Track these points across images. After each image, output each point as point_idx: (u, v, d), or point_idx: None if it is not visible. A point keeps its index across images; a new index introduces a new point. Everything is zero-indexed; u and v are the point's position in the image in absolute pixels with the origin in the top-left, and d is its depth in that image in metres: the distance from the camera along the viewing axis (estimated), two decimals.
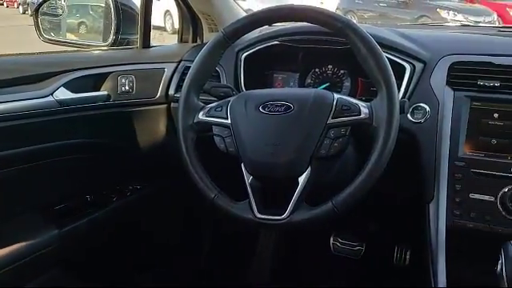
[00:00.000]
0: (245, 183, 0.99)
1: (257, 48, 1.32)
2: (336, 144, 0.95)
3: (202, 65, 1.07)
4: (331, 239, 1.72)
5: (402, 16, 9.47)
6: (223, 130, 1.01)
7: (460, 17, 8.93)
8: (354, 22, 1.01)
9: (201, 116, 1.05)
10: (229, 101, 1.05)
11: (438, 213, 1.04)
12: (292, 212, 0.95)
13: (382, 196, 1.31)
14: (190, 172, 1.03)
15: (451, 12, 9.28)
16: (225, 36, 1.05)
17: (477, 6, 9.99)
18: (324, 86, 1.35)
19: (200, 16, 1.56)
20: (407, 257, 1.60)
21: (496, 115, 1.06)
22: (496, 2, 10.01)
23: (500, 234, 0.99)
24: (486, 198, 1.01)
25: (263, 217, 0.97)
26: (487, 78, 1.07)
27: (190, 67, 1.09)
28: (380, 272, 1.68)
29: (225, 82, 1.32)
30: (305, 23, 1.07)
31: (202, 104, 1.07)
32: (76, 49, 1.61)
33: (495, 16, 9.13)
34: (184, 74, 1.39)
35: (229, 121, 1.01)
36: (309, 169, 0.95)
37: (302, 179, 0.95)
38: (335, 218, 0.94)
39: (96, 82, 1.33)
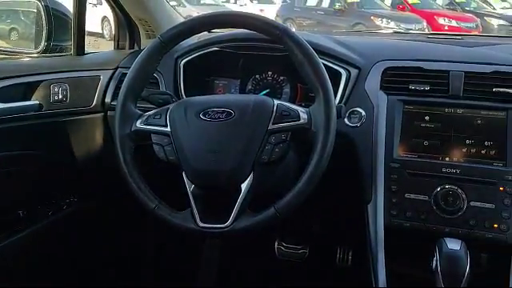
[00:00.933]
0: (186, 192, 0.98)
1: (196, 54, 1.31)
2: (277, 149, 0.95)
3: (139, 71, 1.04)
4: (276, 244, 1.73)
5: (338, 24, 9.77)
6: (162, 138, 0.99)
7: (393, 24, 9.34)
8: (292, 29, 1.03)
9: (138, 124, 1.02)
10: (168, 108, 1.03)
11: (376, 213, 1.07)
12: (235, 219, 0.94)
13: (323, 198, 1.33)
14: (129, 182, 1.00)
15: (384, 20, 9.70)
16: (162, 42, 1.03)
17: (408, 13, 10.50)
18: (264, 92, 1.36)
19: (137, 22, 1.53)
20: (349, 257, 1.64)
21: (427, 118, 1.11)
22: (425, 10, 10.57)
23: (434, 232, 1.03)
24: (421, 197, 1.06)
25: (206, 225, 0.95)
26: (418, 83, 1.13)
27: (126, 74, 1.06)
28: (324, 273, 1.71)
29: (164, 89, 1.30)
30: (244, 30, 1.08)
31: (140, 112, 1.04)
32: (5, 56, 1.53)
33: (425, 23, 9.64)
34: (121, 81, 1.35)
35: (168, 128, 0.99)
36: (251, 175, 0.95)
37: (244, 186, 0.95)
38: (278, 222, 0.95)
39: (26, 90, 1.26)
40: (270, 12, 11.86)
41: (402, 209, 1.06)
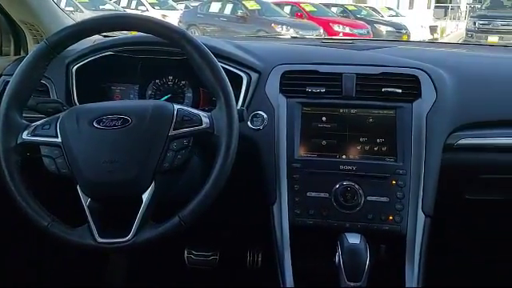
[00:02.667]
0: (82, 206, 0.91)
1: (89, 59, 1.23)
2: (179, 156, 0.93)
3: (23, 78, 0.95)
4: (185, 252, 1.69)
5: (241, 30, 9.96)
6: (53, 149, 0.92)
7: (292, 31, 9.72)
8: (190, 33, 1.01)
9: (25, 136, 0.93)
10: (58, 117, 0.95)
11: (281, 213, 1.09)
12: (137, 232, 0.90)
13: (229, 202, 1.32)
14: (17, 200, 0.91)
15: (284, 27, 10.06)
16: (48, 46, 0.96)
17: (306, 21, 10.99)
18: (166, 97, 1.32)
19: (22, 26, 1.41)
20: (259, 259, 1.65)
21: (324, 118, 1.15)
22: (321, 18, 11.14)
23: (336, 228, 1.07)
24: (322, 194, 1.09)
25: (105, 241, 0.90)
26: (314, 85, 1.16)
27: None
28: (235, 278, 1.71)
29: (55, 97, 1.21)
30: (142, 33, 1.04)
31: (27, 122, 0.96)
32: None
33: (321, 30, 10.15)
34: (4, 90, 1.23)
35: (59, 139, 0.92)
36: (152, 184, 0.91)
37: (145, 196, 0.91)
38: (184, 231, 0.92)
39: None
40: (173, 18, 11.74)
41: (305, 207, 1.09)
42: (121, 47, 1.24)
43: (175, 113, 0.94)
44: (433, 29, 12.84)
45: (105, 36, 1.45)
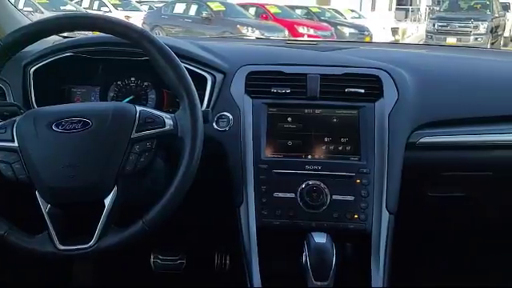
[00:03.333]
0: (42, 213, 0.88)
1: (48, 60, 1.19)
2: (142, 159, 0.91)
3: None
4: (151, 257, 1.66)
5: (207, 31, 9.92)
6: (9, 154, 0.88)
7: (257, 33, 9.74)
8: (151, 33, 0.99)
9: None
10: (15, 120, 0.92)
11: (248, 215, 1.08)
12: (100, 237, 0.87)
13: (196, 205, 1.31)
14: None
15: (250, 28, 10.08)
16: (2, 47, 0.92)
17: (271, 23, 11.05)
18: (128, 99, 1.29)
19: None
20: (227, 262, 1.64)
21: (289, 119, 1.15)
22: (286, 20, 11.23)
23: (302, 227, 1.07)
24: (288, 195, 1.09)
25: (66, 248, 0.87)
26: (279, 86, 1.17)
27: None
28: (203, 281, 1.69)
29: (12, 100, 1.16)
30: (102, 34, 1.01)
31: None
32: None
33: (286, 32, 10.23)
34: None
35: (15, 144, 0.88)
36: (115, 188, 0.89)
37: (108, 201, 0.88)
38: (147, 236, 0.90)
39: None
40: (137, 19, 11.58)
41: (272, 208, 1.09)
42: (81, 48, 1.20)
43: (137, 115, 0.92)
44: (394, 30, 13.16)
45: (65, 37, 1.40)
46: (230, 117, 1.15)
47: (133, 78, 1.31)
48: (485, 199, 1.34)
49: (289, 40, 1.75)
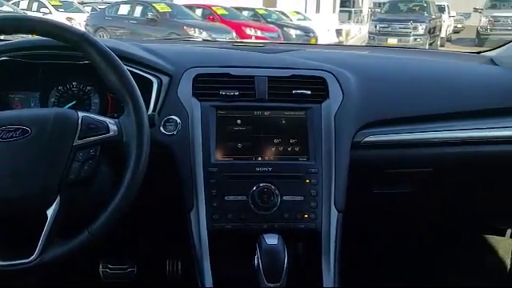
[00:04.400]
0: None
1: None
2: (86, 166, 0.88)
3: None
4: (100, 267, 1.61)
5: (152, 33, 9.74)
6: None
7: (205, 34, 9.67)
8: (92, 35, 0.96)
9: None
10: None
11: (199, 220, 1.07)
12: (43, 250, 0.83)
13: (145, 211, 1.28)
14: None
15: (197, 30, 10.00)
16: None
17: (218, 24, 11.03)
18: (70, 104, 1.24)
19: None
20: (179, 268, 1.61)
21: (239, 121, 1.15)
22: (233, 21, 11.24)
23: (254, 230, 1.07)
24: (239, 198, 1.09)
25: (7, 263, 0.82)
26: (227, 88, 1.16)
27: None
28: None
29: None
30: (40, 37, 0.97)
31: None
32: None
33: (234, 34, 10.24)
34: None
35: None
36: (58, 198, 0.85)
37: (50, 211, 0.85)
38: (94, 246, 0.87)
39: None
40: (79, 21, 11.22)
41: (223, 212, 1.08)
42: (17, 52, 1.14)
43: (80, 121, 0.89)
44: (338, 32, 13.50)
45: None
46: (178, 120, 1.13)
47: (75, 83, 1.26)
48: (426, 195, 1.40)
49: (236, 42, 1.75)
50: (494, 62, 1.51)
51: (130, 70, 0.94)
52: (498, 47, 1.59)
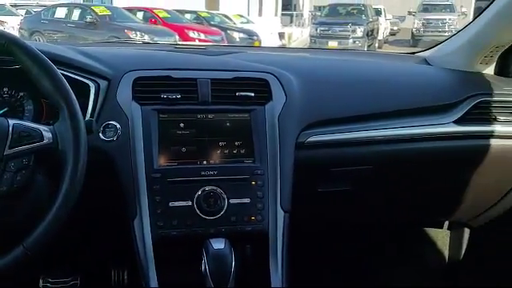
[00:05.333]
0: None
1: None
2: (19, 177, 0.83)
3: None
4: (40, 282, 1.53)
5: (92, 37, 9.47)
6: None
7: (147, 38, 9.53)
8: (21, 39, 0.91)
9: None
10: None
11: (143, 227, 1.04)
12: None
13: (86, 221, 1.23)
14: None
15: (138, 33, 9.81)
16: None
17: (160, 27, 10.88)
18: (1, 112, 1.17)
19: None
20: (125, 277, 1.56)
21: (182, 125, 1.13)
22: (176, 24, 11.12)
23: (201, 235, 1.05)
24: (184, 203, 1.06)
25: None
26: (169, 91, 1.14)
27: None
28: None
29: None
30: None
31: None
32: None
33: (177, 36, 10.13)
34: None
35: None
36: None
37: None
38: (30, 261, 0.82)
39: None
40: (13, 24, 10.70)
41: (168, 218, 1.05)
42: None
43: (10, 129, 0.84)
44: (281, 35, 13.70)
45: None
46: (118, 126, 1.09)
47: (6, 89, 1.18)
48: (368, 192, 1.44)
49: (177, 45, 1.73)
50: (428, 62, 1.59)
51: (64, 75, 0.90)
52: (431, 48, 1.67)
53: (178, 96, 1.14)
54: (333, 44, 12.34)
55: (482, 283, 1.75)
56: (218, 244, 1.00)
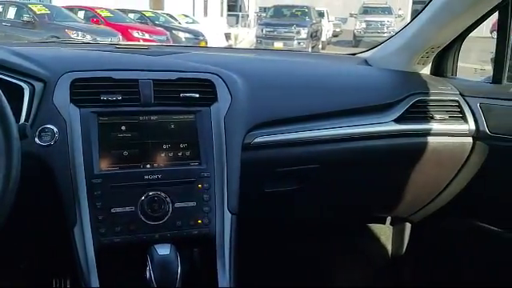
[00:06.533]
0: None
1: None
2: None
3: None
4: None
5: (30, 37, 9.02)
6: None
7: (89, 37, 9.20)
8: None
9: None
10: None
11: (84, 235, 1.00)
12: None
13: (23, 228, 1.17)
14: None
15: (80, 33, 9.46)
16: None
17: (103, 27, 10.54)
18: None
19: None
20: (67, 286, 1.50)
21: (123, 128, 1.09)
22: (119, 24, 10.83)
23: (146, 241, 1.03)
24: (127, 209, 1.03)
25: None
26: (109, 93, 1.10)
27: None
28: None
29: None
30: None
31: None
32: None
33: (120, 36, 9.86)
34: None
35: None
36: None
37: None
38: None
39: None
40: None
41: (111, 224, 1.02)
42: None
43: None
44: (227, 35, 13.68)
45: None
46: (55, 129, 1.04)
47: None
48: (314, 190, 1.46)
49: (118, 44, 1.66)
50: (368, 63, 1.63)
51: None
52: (371, 49, 1.72)
53: (119, 98, 1.10)
54: (278, 45, 12.48)
55: (423, 276, 1.82)
56: (163, 250, 0.98)
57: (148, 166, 1.09)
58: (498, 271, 1.55)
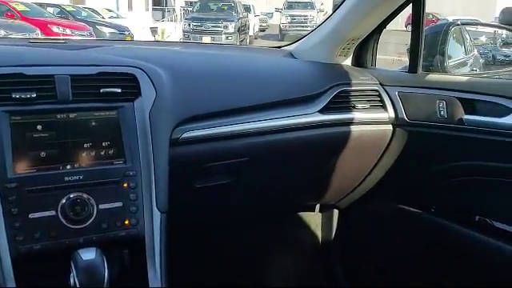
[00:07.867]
0: None
1: None
2: None
3: None
4: None
5: None
6: None
7: (3, 32, 8.60)
8: None
9: None
10: None
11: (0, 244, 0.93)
12: None
13: None
14: None
15: None
16: None
17: (19, 22, 9.91)
18: None
19: None
20: None
21: (39, 127, 1.02)
22: (37, 19, 10.23)
23: (69, 246, 0.97)
24: (47, 213, 0.97)
25: None
26: (22, 90, 1.02)
27: None
28: None
29: None
30: None
31: None
32: None
33: (38, 32, 9.31)
34: None
35: None
36: None
37: None
38: None
39: None
40: None
41: (29, 231, 0.95)
42: None
43: None
44: (153, 30, 13.39)
45: None
46: None
47: None
48: (244, 183, 1.47)
49: (33, 39, 1.56)
50: (293, 55, 1.66)
51: None
52: (296, 41, 1.75)
53: (33, 95, 1.03)
54: (206, 39, 12.42)
55: (352, 259, 1.90)
56: (88, 254, 0.93)
57: (68, 166, 1.03)
58: (420, 250, 1.64)
